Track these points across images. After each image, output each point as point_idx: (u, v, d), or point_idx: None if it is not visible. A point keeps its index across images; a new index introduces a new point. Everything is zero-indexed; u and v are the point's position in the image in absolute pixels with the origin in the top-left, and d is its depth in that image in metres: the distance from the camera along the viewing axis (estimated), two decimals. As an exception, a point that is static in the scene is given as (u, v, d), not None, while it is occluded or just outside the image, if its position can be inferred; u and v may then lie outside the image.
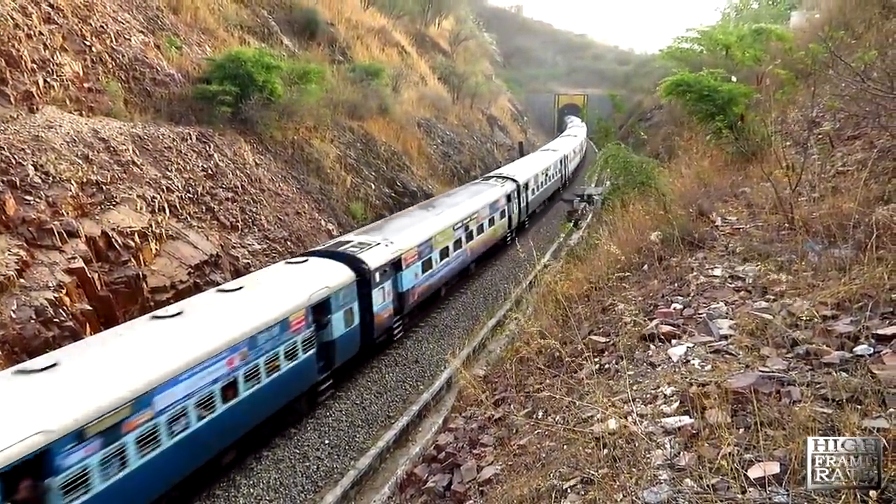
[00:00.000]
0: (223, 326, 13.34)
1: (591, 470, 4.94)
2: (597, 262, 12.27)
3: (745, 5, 57.74)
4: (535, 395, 8.06)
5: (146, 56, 27.27)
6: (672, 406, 5.28)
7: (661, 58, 45.72)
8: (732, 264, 8.63)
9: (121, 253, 18.11)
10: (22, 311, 14.49)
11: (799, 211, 9.15)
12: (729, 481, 3.93)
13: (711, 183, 14.46)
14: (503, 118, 79.44)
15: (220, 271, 20.98)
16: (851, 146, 12.15)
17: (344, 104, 39.62)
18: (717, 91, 17.71)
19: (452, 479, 7.99)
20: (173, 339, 12.50)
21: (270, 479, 14.16)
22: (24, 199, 16.71)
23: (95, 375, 10.94)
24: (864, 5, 19.98)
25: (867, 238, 6.65)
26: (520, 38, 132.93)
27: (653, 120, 58.30)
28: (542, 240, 34.35)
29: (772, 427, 4.37)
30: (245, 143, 28.97)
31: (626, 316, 8.47)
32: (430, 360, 20.08)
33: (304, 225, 28.19)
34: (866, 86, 10.58)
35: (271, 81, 30.44)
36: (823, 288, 6.55)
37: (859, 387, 4.51)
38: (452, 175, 47.47)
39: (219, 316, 13.89)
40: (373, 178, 37.32)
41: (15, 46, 20.02)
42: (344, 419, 16.74)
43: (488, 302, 25.11)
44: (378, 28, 58.32)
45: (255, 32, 39.00)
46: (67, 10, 24.11)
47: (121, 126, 22.68)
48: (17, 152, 17.50)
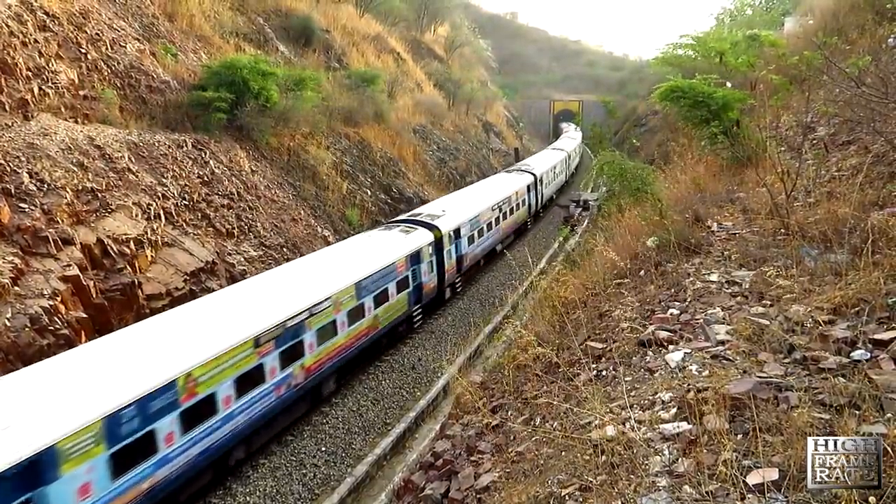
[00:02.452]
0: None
1: (589, 477, 4.92)
2: (593, 268, 12.27)
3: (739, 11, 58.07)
4: (533, 401, 8.03)
5: (142, 63, 27.25)
6: (670, 412, 5.27)
7: (655, 64, 45.88)
8: (729, 270, 8.64)
9: (116, 260, 18.05)
10: (17, 319, 14.41)
11: (794, 216, 9.16)
12: (728, 488, 3.92)
13: (707, 188, 14.48)
14: (499, 124, 79.54)
15: (215, 278, 20.93)
16: (846, 151, 12.20)
17: (340, 111, 39.65)
18: (712, 97, 17.74)
19: (450, 487, 7.95)
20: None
21: (267, 487, 14.11)
22: (19, 207, 16.64)
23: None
24: (858, 11, 20.10)
25: (863, 243, 6.66)
26: (515, 45, 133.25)
27: (647, 126, 58.49)
28: (539, 245, 34.40)
29: (770, 433, 4.36)
30: (241, 150, 28.96)
31: (623, 322, 8.47)
32: (426, 366, 20.05)
33: (299, 231, 28.16)
34: (860, 91, 10.63)
35: (267, 88, 30.42)
36: (820, 293, 6.55)
37: (857, 392, 4.51)
38: (448, 181, 47.50)
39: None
40: (368, 184, 37.34)
41: (10, 54, 19.98)
42: (341, 426, 16.69)
43: (485, 308, 25.11)
44: (373, 35, 58.41)
45: (251, 39, 39.05)
46: (63, 17, 24.09)
47: (116, 133, 22.65)
48: (11, 160, 17.45)
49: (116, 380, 11.18)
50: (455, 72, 72.49)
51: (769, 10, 53.67)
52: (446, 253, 24.24)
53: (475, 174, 52.08)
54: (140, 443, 11.02)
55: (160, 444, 11.44)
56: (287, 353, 14.90)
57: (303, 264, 19.75)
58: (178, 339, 13.00)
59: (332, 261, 19.66)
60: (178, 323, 14.02)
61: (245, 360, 13.56)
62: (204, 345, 12.86)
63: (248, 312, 14.72)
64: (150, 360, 11.98)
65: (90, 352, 12.72)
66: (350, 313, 17.55)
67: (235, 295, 16.23)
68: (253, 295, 15.95)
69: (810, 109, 13.69)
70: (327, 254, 21.39)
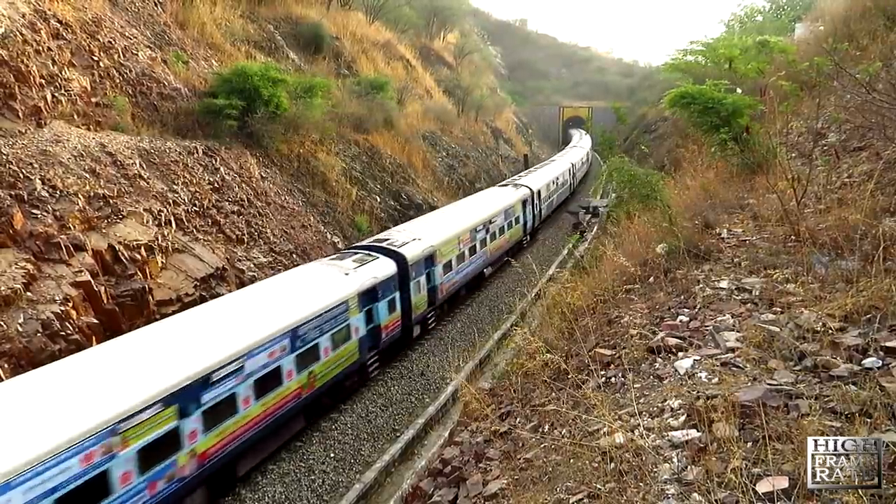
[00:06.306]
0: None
1: (597, 484, 4.90)
2: (602, 275, 12.23)
3: (749, 17, 57.90)
4: (541, 408, 8.01)
5: (153, 71, 27.49)
6: (679, 419, 5.24)
7: (665, 70, 45.84)
8: (738, 276, 8.59)
9: (127, 266, 18.17)
10: (28, 324, 14.54)
11: (805, 223, 9.12)
12: (737, 496, 3.89)
13: (717, 195, 14.42)
14: (508, 131, 79.64)
15: (225, 284, 21.02)
16: (857, 157, 12.12)
17: (349, 117, 39.83)
18: (721, 103, 17.72)
19: (458, 494, 7.93)
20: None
21: (276, 493, 14.12)
22: (32, 213, 16.81)
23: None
24: (869, 17, 20.01)
25: (874, 250, 6.61)
26: (524, 51, 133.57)
27: (657, 132, 58.34)
28: (548, 251, 34.34)
29: (780, 441, 4.33)
30: (251, 157, 29.12)
31: (632, 328, 8.43)
32: (435, 372, 20.03)
33: (309, 237, 28.26)
34: (871, 97, 10.57)
35: (277, 95, 30.63)
36: (831, 300, 6.51)
37: (868, 400, 4.47)
38: (457, 188, 47.58)
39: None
40: (378, 190, 37.44)
41: (23, 62, 20.21)
42: (349, 432, 16.69)
43: (494, 315, 25.08)
44: (383, 42, 58.67)
45: (262, 47, 39.31)
46: (76, 25, 24.36)
47: (128, 140, 22.84)
48: (24, 167, 17.63)
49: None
50: (464, 78, 72.62)
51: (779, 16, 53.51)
52: (414, 285, 21.03)
53: (484, 181, 52.13)
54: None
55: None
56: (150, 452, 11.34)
57: (206, 312, 15.82)
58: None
59: (241, 309, 15.71)
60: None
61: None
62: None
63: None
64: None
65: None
66: (260, 382, 14.05)
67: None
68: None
69: (821, 116, 13.64)
70: (239, 299, 16.98)
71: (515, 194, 34.33)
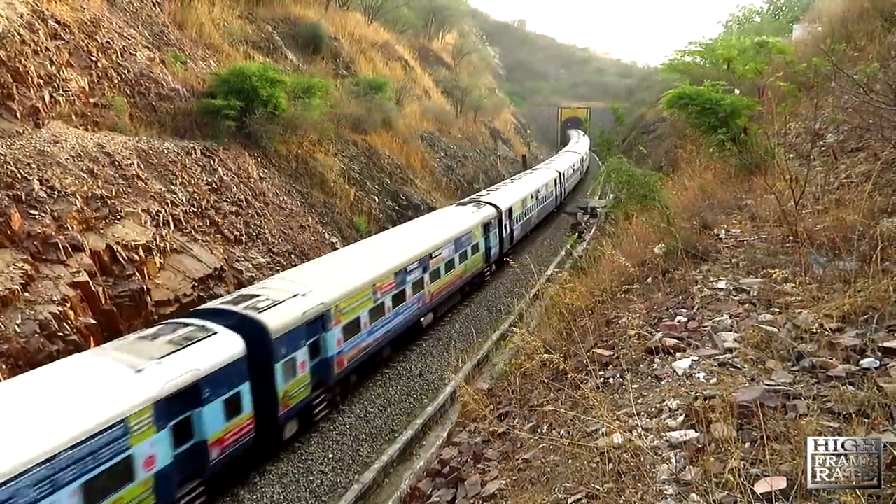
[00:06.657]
0: None
1: (595, 485, 4.90)
2: (600, 275, 12.24)
3: (747, 18, 57.97)
4: (539, 409, 8.01)
5: (151, 71, 27.48)
6: (677, 420, 5.24)
7: (664, 71, 45.87)
8: (737, 277, 8.60)
9: (125, 267, 18.16)
10: (26, 324, 14.53)
11: (803, 223, 9.12)
12: (735, 496, 3.89)
13: (715, 195, 14.45)
14: (506, 131, 79.70)
15: (223, 285, 21.01)
16: (855, 158, 12.13)
17: (348, 118, 39.87)
18: (720, 104, 17.72)
19: (457, 495, 7.93)
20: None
21: (274, 494, 14.11)
22: (30, 214, 16.79)
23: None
24: (867, 18, 20.03)
25: (872, 250, 6.62)
26: (523, 52, 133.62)
27: (656, 132, 58.37)
28: (546, 252, 34.36)
29: (778, 441, 4.34)
30: (249, 157, 29.11)
31: (630, 329, 8.43)
32: (434, 373, 20.02)
33: (307, 238, 28.25)
34: (869, 98, 10.59)
35: (275, 96, 30.63)
36: (828, 300, 6.51)
37: (866, 400, 4.47)
38: (456, 188, 47.61)
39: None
40: (376, 191, 37.45)
41: (21, 62, 20.19)
42: (348, 433, 16.69)
43: (492, 315, 25.08)
44: (382, 42, 58.71)
45: (260, 47, 39.32)
46: (74, 26, 24.33)
47: (126, 140, 22.83)
48: (22, 167, 17.61)
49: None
50: (463, 79, 72.65)
51: (777, 17, 53.57)
52: (284, 365, 14.96)
53: (483, 181, 52.16)
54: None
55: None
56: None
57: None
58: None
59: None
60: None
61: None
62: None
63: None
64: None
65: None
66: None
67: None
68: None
69: (819, 116, 13.65)
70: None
71: (474, 217, 28.26)
